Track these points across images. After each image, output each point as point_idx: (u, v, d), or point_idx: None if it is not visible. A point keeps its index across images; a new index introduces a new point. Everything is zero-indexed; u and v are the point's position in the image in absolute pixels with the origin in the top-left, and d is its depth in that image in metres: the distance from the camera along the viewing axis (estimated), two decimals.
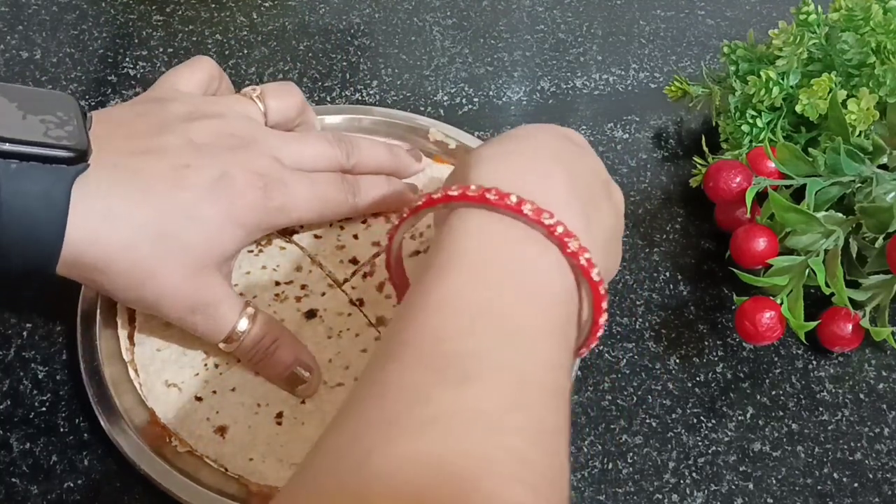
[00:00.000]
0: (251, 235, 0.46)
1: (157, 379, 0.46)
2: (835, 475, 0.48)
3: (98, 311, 0.48)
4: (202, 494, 0.42)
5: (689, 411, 0.50)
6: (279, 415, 0.45)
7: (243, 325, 0.44)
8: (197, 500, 0.42)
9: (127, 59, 0.65)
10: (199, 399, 0.46)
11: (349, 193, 0.49)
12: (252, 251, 0.51)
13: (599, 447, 0.48)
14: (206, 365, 0.47)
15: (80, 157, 0.39)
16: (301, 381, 0.46)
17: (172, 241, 0.42)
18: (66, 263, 0.40)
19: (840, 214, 0.52)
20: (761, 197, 0.52)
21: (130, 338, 0.48)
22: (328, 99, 0.64)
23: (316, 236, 0.52)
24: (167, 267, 0.42)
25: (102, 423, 0.44)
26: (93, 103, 0.61)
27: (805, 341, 0.53)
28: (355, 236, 0.52)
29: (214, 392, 0.46)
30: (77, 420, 0.46)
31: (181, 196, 0.42)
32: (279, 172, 0.46)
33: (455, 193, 0.36)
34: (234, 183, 0.43)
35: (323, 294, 0.50)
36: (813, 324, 0.51)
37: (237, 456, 0.44)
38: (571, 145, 0.41)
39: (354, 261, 0.51)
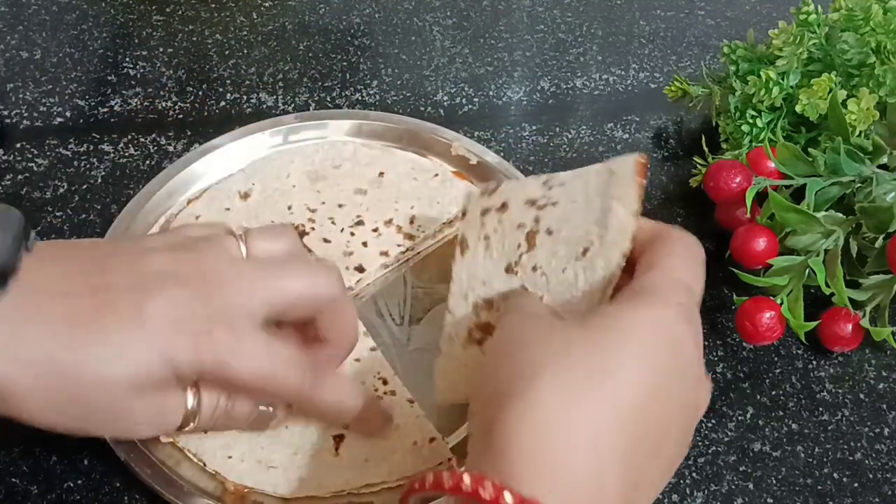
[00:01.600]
0: (183, 381, 0.40)
1: None
2: (835, 475, 0.48)
3: None
4: (178, 486, 0.43)
5: None
6: None
7: (190, 401, 0.40)
8: (172, 493, 0.42)
9: (127, 59, 0.65)
10: None
11: None
12: None
13: None
14: None
15: None
16: (269, 417, 0.43)
17: (90, 384, 0.37)
18: None
19: (840, 214, 0.52)
20: (761, 197, 0.52)
21: None
22: (328, 99, 0.64)
23: (325, 240, 0.52)
24: (90, 421, 0.38)
25: None
26: (92, 103, 0.61)
27: (805, 341, 0.53)
28: (364, 244, 0.52)
29: None
30: None
31: (105, 332, 0.37)
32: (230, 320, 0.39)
33: (487, 494, 0.30)
34: (165, 321, 0.38)
35: None
36: (813, 324, 0.51)
37: (217, 453, 0.44)
38: (674, 372, 0.36)
39: (360, 269, 0.51)
